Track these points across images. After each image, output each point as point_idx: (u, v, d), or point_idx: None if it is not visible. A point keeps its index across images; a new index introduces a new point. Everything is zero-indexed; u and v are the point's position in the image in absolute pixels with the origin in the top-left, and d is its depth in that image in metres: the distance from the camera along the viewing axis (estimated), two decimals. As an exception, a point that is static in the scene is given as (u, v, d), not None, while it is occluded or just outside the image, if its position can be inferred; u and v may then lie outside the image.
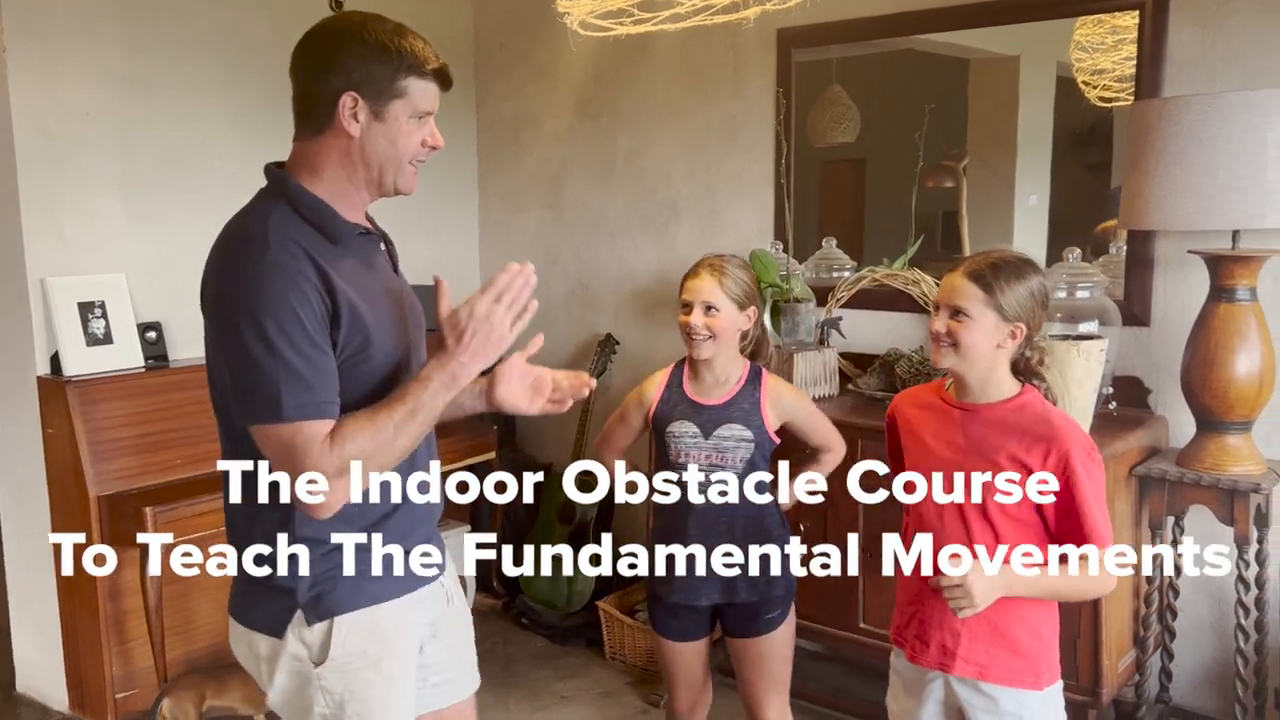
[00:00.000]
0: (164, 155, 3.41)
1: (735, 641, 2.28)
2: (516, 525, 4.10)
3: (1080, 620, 2.48)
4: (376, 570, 1.62)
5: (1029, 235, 3.20)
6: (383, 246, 1.73)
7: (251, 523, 1.60)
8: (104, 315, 3.21)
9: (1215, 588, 2.78)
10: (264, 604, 1.62)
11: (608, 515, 3.96)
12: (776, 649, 2.23)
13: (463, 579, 3.49)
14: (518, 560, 4.02)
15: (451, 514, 3.88)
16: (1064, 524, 1.76)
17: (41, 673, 3.36)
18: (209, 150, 3.52)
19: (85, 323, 3.17)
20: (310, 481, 1.47)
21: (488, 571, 3.98)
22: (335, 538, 1.59)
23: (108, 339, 3.21)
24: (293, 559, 1.58)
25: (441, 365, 1.53)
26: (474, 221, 4.50)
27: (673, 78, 3.78)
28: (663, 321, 3.91)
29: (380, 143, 1.59)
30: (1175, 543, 2.68)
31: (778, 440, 2.25)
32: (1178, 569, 2.68)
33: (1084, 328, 2.70)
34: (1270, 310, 2.50)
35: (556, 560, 3.91)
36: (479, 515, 4.05)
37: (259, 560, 1.60)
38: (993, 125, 3.28)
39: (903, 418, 1.98)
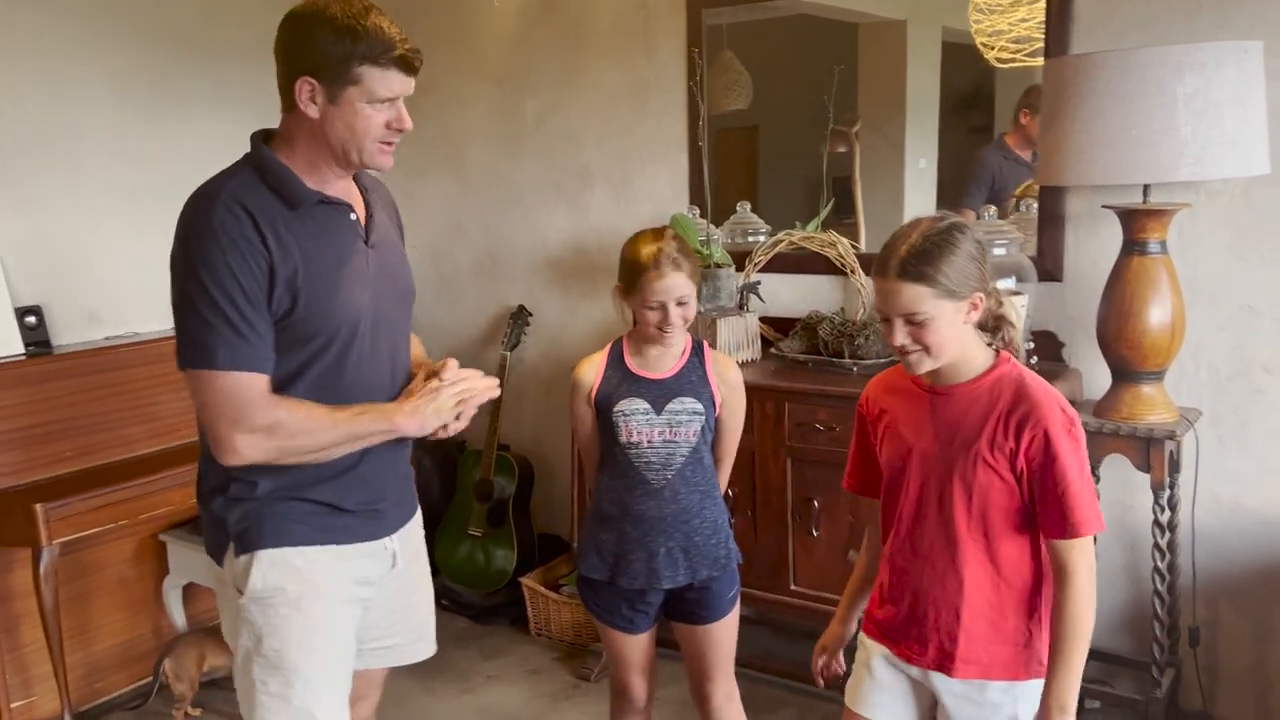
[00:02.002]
0: (32, 124, 3.17)
1: (686, 628, 2.21)
2: (431, 505, 3.99)
3: (1008, 572, 2.53)
4: (304, 516, 1.72)
5: (919, 198, 3.24)
6: (354, 216, 1.75)
7: (208, 462, 1.74)
8: (-20, 302, 2.98)
9: (1128, 534, 2.88)
10: (211, 533, 1.77)
11: (527, 491, 3.89)
12: (728, 631, 2.20)
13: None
14: (433, 541, 3.92)
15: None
16: (1046, 509, 1.62)
17: (-76, 686, 3.12)
18: (83, 118, 3.29)
19: (-42, 309, 2.94)
20: (231, 427, 1.61)
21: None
22: (264, 485, 1.70)
23: (-17, 326, 2.98)
24: (228, 493, 1.72)
25: (393, 412, 1.71)
26: (373, 192, 4.33)
27: (581, 40, 3.69)
28: (578, 291, 3.84)
29: (338, 126, 1.64)
30: (1092, 492, 2.76)
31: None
32: (1095, 517, 2.76)
33: (1002, 284, 2.72)
34: (1178, 262, 2.57)
35: (474, 539, 3.82)
36: (392, 496, 3.92)
37: (210, 493, 1.75)
38: (883, 90, 3.30)
39: (875, 408, 1.83)
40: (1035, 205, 2.94)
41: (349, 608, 1.78)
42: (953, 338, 1.62)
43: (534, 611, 3.57)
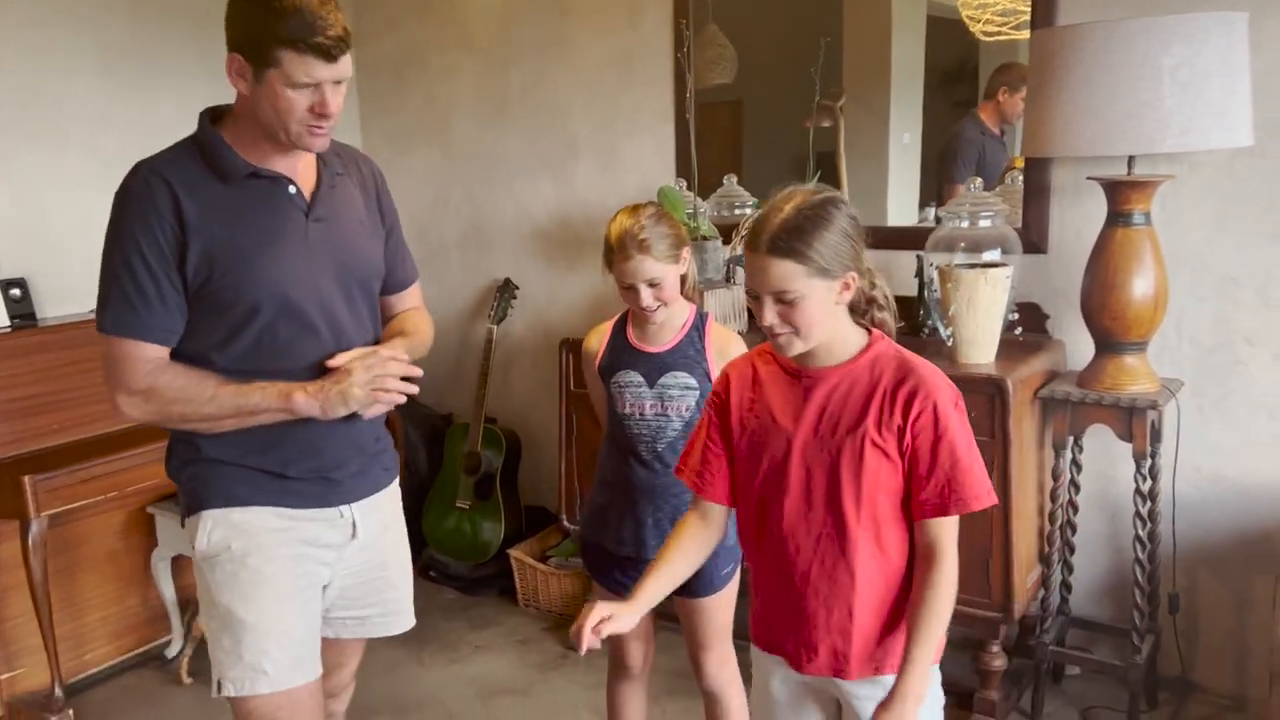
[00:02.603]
0: (15, 95, 3.14)
1: (680, 600, 2.22)
2: (419, 478, 4.00)
3: (992, 540, 2.56)
4: (248, 479, 1.76)
5: (903, 173, 3.24)
6: (293, 190, 1.75)
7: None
8: (-38, 274, 2.96)
9: (1109, 504, 2.91)
10: (179, 497, 1.85)
11: (514, 463, 3.90)
12: (723, 604, 2.22)
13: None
14: (421, 513, 3.94)
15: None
16: (930, 486, 1.52)
17: (-87, 658, 3.13)
18: (67, 88, 3.26)
19: (-61, 281, 2.92)
20: (113, 387, 1.70)
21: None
22: (207, 449, 1.76)
23: (-34, 299, 2.96)
24: (176, 454, 1.81)
25: (293, 390, 1.70)
26: (359, 164, 4.30)
27: (565, 9, 3.66)
28: (564, 264, 3.84)
29: (263, 105, 1.65)
30: (1075, 462, 2.79)
31: None
32: (1077, 486, 2.80)
33: (987, 256, 2.75)
34: (1162, 233, 2.59)
35: (462, 512, 3.83)
36: (380, 468, 3.93)
37: (167, 456, 1.84)
38: (868, 64, 3.29)
39: (735, 395, 1.67)
40: (1020, 177, 2.95)
41: (301, 563, 1.79)
42: (823, 319, 1.52)
43: (522, 583, 3.59)
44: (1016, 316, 2.86)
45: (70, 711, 2.93)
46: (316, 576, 1.83)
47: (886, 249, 3.11)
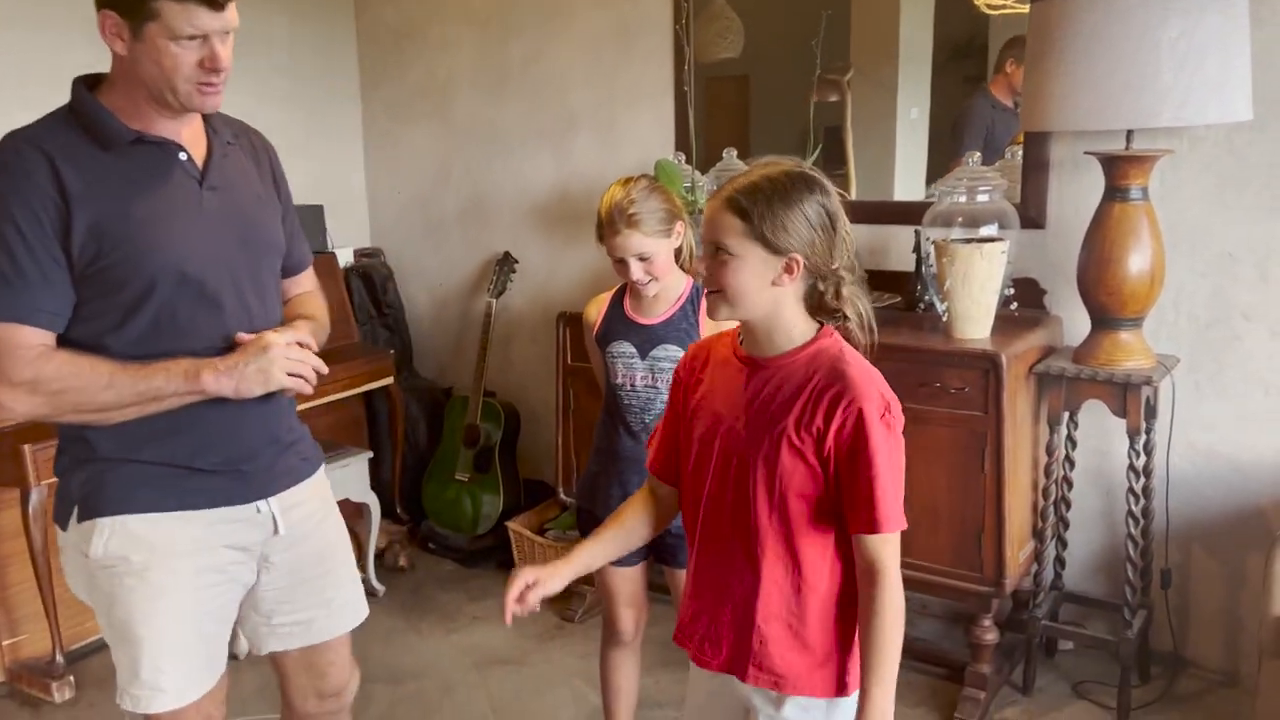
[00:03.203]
0: (11, 65, 3.13)
1: (669, 570, 2.26)
2: (418, 450, 4.02)
3: (985, 515, 2.57)
4: (152, 479, 1.64)
5: (911, 148, 3.22)
6: (184, 156, 1.64)
7: (58, 424, 1.68)
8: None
9: (1104, 479, 2.92)
10: (58, 495, 1.70)
11: (513, 436, 3.92)
12: None
13: (365, 506, 3.45)
14: (420, 485, 3.96)
15: (351, 439, 3.78)
16: (853, 500, 1.44)
17: (-84, 625, 3.16)
18: (63, 62, 3.22)
19: (-61, 250, 2.92)
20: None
21: (391, 497, 3.91)
22: (102, 445, 1.62)
23: (-34, 267, 2.96)
24: (69, 455, 1.66)
25: (201, 368, 1.58)
26: (358, 136, 4.30)
27: (565, -18, 3.65)
28: (563, 237, 3.84)
29: (145, 63, 1.53)
30: (1070, 438, 2.79)
31: None
32: (1071, 462, 2.80)
33: (984, 231, 2.74)
34: (1160, 209, 2.58)
35: (461, 484, 3.85)
36: (379, 441, 3.95)
37: (56, 455, 1.70)
38: (875, 38, 3.27)
39: (694, 375, 1.62)
40: (1019, 152, 2.94)
41: (212, 574, 1.69)
42: (754, 291, 1.44)
43: (520, 555, 3.61)
44: (1013, 292, 2.86)
45: (71, 678, 2.97)
46: (234, 580, 1.73)
47: (888, 223, 3.11)
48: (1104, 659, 2.89)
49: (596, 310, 2.27)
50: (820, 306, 1.49)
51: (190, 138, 1.66)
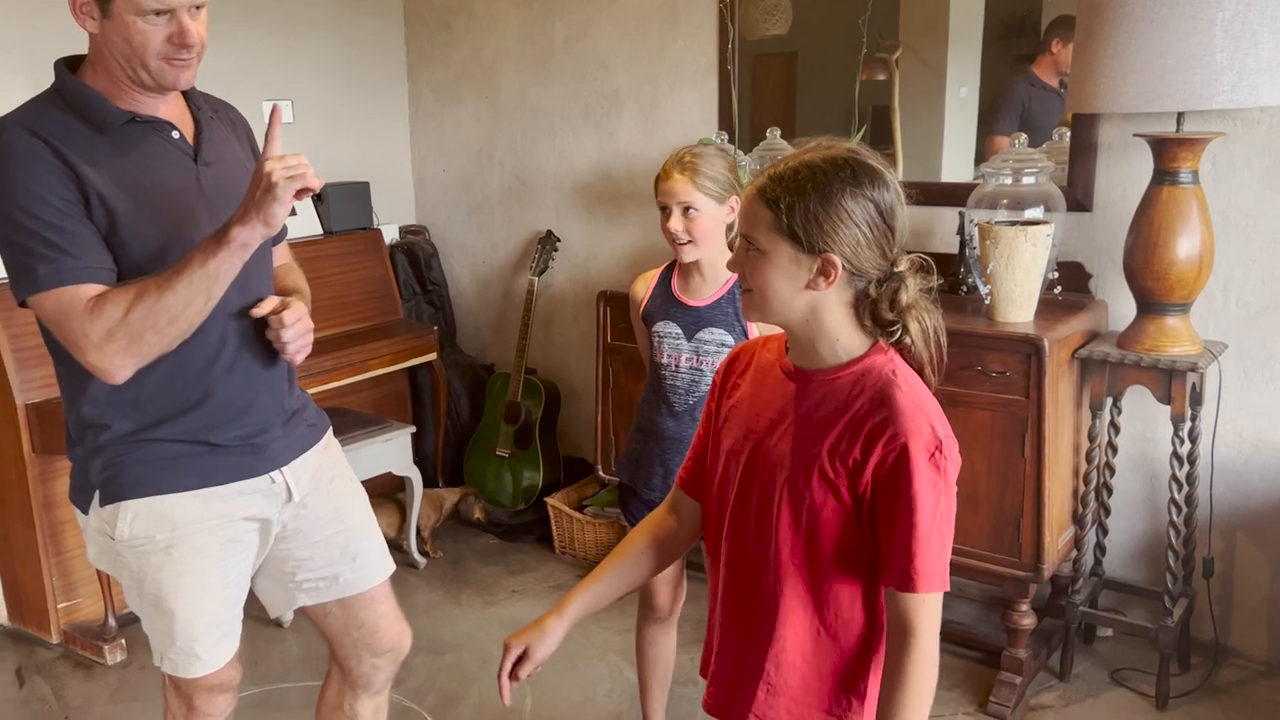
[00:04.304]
0: (71, 43, 3.19)
1: None
2: (460, 426, 4.07)
3: (1024, 500, 2.56)
4: (172, 460, 1.65)
5: (960, 128, 3.18)
6: (176, 134, 1.65)
7: (67, 406, 1.69)
8: (18, 215, 3.04)
9: (1147, 466, 2.89)
10: (75, 481, 1.72)
11: (553, 414, 3.95)
12: None
13: (408, 479, 3.50)
14: (463, 460, 4.01)
15: (395, 414, 3.84)
16: (889, 549, 1.24)
17: (-24, 587, 3.28)
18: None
19: (-1, 223, 3.00)
20: (83, 344, 1.51)
21: (433, 472, 3.96)
22: (120, 425, 1.63)
23: (24, 241, 3.04)
24: (86, 441, 1.66)
25: (224, 230, 1.52)
26: (404, 114, 4.34)
27: (611, -40, 3.65)
28: (605, 216, 3.85)
29: (115, 40, 1.53)
30: (1113, 423, 2.76)
31: None
32: (1114, 448, 2.77)
33: (1030, 214, 2.71)
34: (1211, 193, 2.54)
35: (502, 460, 3.90)
36: (422, 416, 4.01)
37: (71, 441, 1.70)
38: (925, 16, 3.23)
39: (732, 379, 1.46)
40: (1067, 134, 2.90)
41: (232, 545, 1.73)
42: (784, 293, 1.27)
43: (559, 530, 3.65)
44: (1057, 275, 2.82)
45: (122, 641, 3.06)
46: (250, 547, 1.77)
47: (934, 205, 3.09)
48: (1143, 646, 2.87)
49: (644, 287, 2.27)
50: (874, 317, 1.29)
51: (176, 114, 1.67)
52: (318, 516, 1.84)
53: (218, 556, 1.72)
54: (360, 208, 3.91)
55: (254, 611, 1.90)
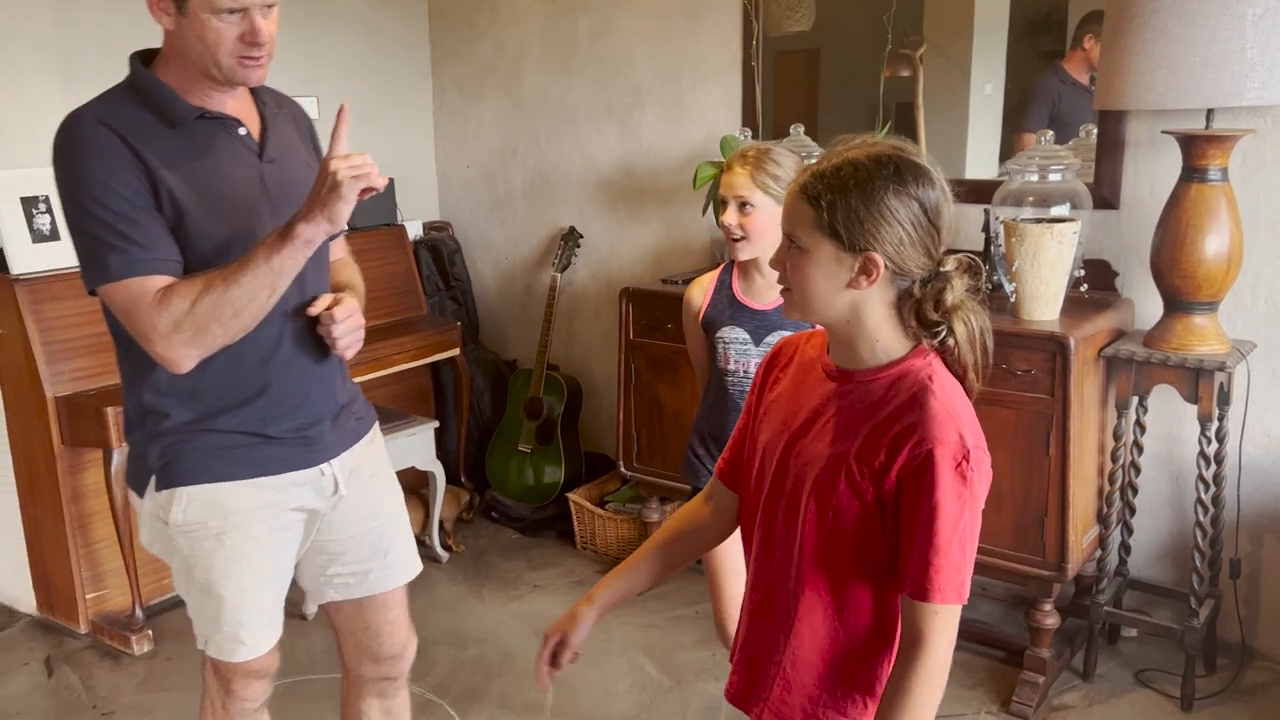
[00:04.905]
0: (102, 40, 3.23)
1: None
2: (483, 421, 4.09)
3: (1048, 498, 2.54)
4: (227, 450, 1.69)
5: (985, 125, 3.16)
6: (243, 131, 1.69)
7: (126, 392, 1.74)
8: (49, 210, 3.07)
9: (1174, 466, 2.86)
10: (132, 466, 1.77)
11: (575, 409, 3.96)
12: None
13: (430, 474, 3.52)
14: (485, 455, 4.03)
15: (418, 409, 3.85)
16: (906, 555, 1.23)
17: (6, 576, 3.31)
18: (151, 36, 3.33)
19: (30, 218, 3.04)
20: (150, 335, 1.56)
21: (455, 467, 3.98)
22: (179, 414, 1.67)
23: (54, 235, 3.08)
24: (145, 427, 1.70)
25: (290, 226, 1.55)
26: (428, 110, 4.36)
27: (635, -43, 3.65)
28: (627, 213, 3.85)
29: (189, 38, 1.57)
30: (1139, 423, 2.74)
31: None
32: (1140, 448, 2.75)
33: (1056, 211, 2.69)
34: (1241, 190, 2.51)
35: (524, 455, 3.91)
36: (445, 411, 4.02)
37: (130, 426, 1.75)
38: (950, 11, 3.21)
39: (775, 370, 1.45)
40: (1094, 131, 2.88)
41: (280, 533, 1.76)
42: (825, 292, 1.25)
43: (580, 526, 3.66)
44: (1083, 273, 2.81)
45: (149, 631, 3.09)
46: (295, 536, 1.80)
47: (958, 202, 3.05)
48: (1168, 647, 2.85)
49: (701, 293, 2.20)
50: (918, 318, 1.27)
51: (243, 111, 1.71)
52: (354, 510, 1.86)
53: (268, 545, 1.75)
54: (384, 204, 3.93)
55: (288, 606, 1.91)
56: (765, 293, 2.11)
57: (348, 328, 1.70)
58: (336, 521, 1.85)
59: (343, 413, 1.84)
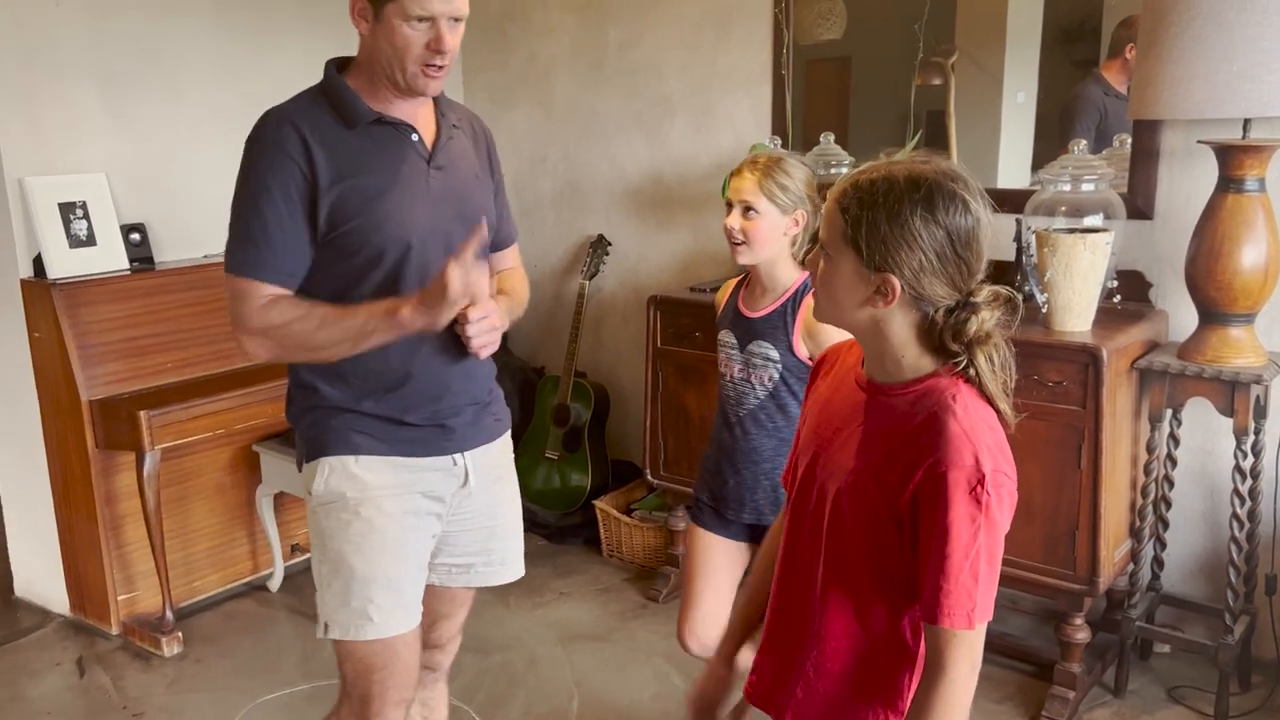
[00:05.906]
0: (139, 48, 3.28)
1: None
2: (510, 428, 4.09)
3: (1080, 512, 2.51)
4: (363, 428, 1.78)
5: (1017, 134, 3.14)
6: (416, 137, 1.78)
7: (291, 369, 1.85)
8: (86, 216, 3.12)
9: (1208, 479, 2.82)
10: (296, 441, 1.88)
11: (603, 417, 3.96)
12: None
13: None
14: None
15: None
16: (920, 580, 1.21)
17: (40, 577, 3.36)
18: (186, 45, 3.38)
19: (67, 224, 3.09)
20: (236, 328, 1.73)
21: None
22: (328, 392, 1.78)
23: (90, 240, 3.13)
24: (297, 401, 1.84)
25: (398, 306, 1.67)
26: (460, 120, 4.38)
27: (665, -34, 3.65)
28: (656, 222, 3.86)
29: (381, 44, 1.68)
30: (1173, 435, 2.71)
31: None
32: (1174, 461, 2.72)
33: (1089, 221, 2.67)
34: (1276, 201, 2.48)
35: (551, 462, 3.92)
36: (473, 418, 4.03)
37: (288, 401, 1.87)
38: (982, 20, 3.19)
39: (819, 379, 1.46)
40: (1129, 140, 2.85)
41: (412, 518, 1.82)
42: (847, 303, 1.25)
43: (606, 533, 3.66)
44: (1116, 284, 2.78)
45: (179, 633, 3.12)
46: (426, 528, 1.85)
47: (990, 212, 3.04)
48: (1202, 664, 2.80)
49: (723, 295, 2.25)
50: (938, 344, 1.25)
51: (424, 119, 1.81)
52: (477, 508, 1.93)
53: (400, 522, 1.81)
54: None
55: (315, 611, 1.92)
56: (759, 300, 2.13)
57: (481, 329, 1.75)
58: (458, 515, 1.91)
59: (483, 410, 1.91)
